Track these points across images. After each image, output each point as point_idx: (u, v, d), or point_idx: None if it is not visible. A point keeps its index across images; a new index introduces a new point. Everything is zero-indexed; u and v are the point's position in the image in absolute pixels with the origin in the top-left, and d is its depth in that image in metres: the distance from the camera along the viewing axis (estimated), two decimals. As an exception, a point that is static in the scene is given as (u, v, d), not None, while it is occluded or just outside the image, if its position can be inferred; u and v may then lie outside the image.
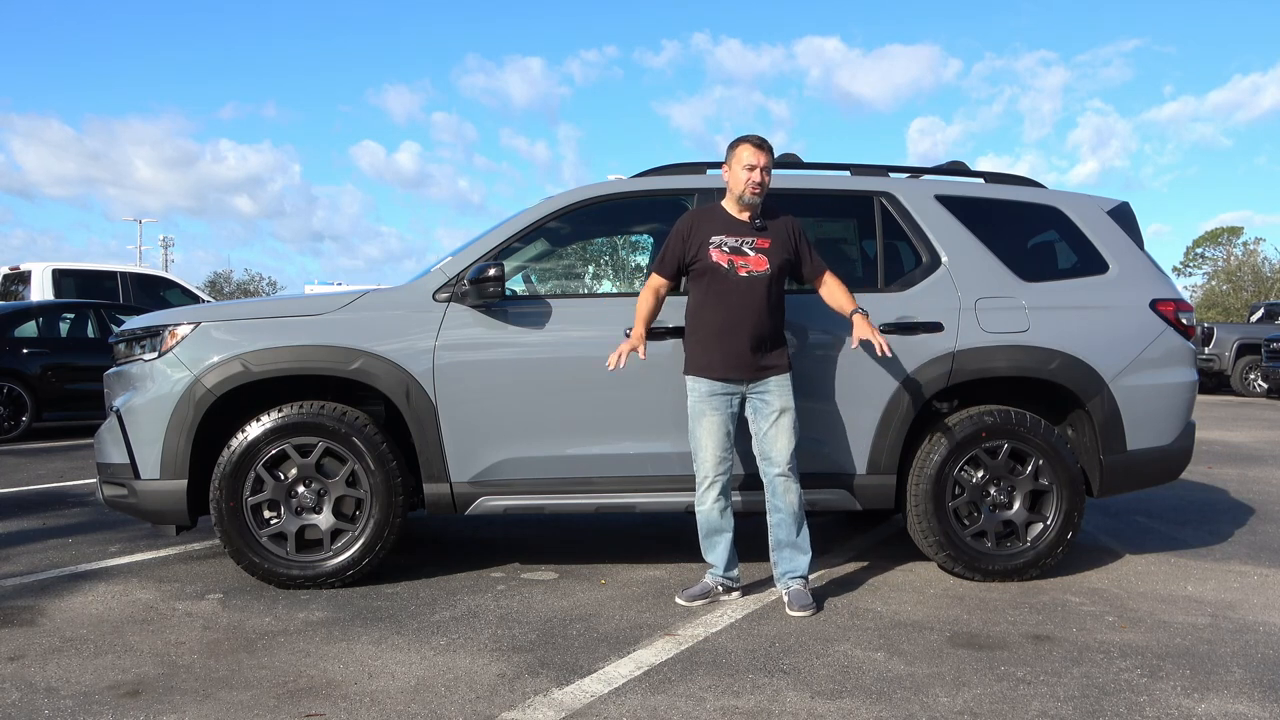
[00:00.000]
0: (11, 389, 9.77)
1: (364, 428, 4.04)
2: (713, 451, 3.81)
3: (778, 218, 3.93)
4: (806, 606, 3.76)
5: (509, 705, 2.86)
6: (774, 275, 3.82)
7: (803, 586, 3.86)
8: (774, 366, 3.83)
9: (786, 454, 3.81)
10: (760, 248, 3.83)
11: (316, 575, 4.04)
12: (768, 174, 3.83)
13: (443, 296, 4.14)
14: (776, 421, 3.80)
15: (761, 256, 3.81)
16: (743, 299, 3.79)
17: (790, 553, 3.88)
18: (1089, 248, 4.50)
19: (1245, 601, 3.99)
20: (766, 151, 3.84)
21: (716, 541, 3.89)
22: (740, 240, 3.83)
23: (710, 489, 3.83)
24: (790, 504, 3.85)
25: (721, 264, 3.79)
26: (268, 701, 2.87)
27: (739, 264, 3.80)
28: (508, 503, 4.12)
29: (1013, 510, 4.22)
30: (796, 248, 3.91)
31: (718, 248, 3.81)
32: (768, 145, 3.86)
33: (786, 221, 3.94)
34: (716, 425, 3.81)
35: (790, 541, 3.88)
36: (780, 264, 3.84)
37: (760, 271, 3.80)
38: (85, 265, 13.92)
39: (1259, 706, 2.89)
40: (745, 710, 2.83)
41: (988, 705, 2.88)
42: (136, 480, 4.05)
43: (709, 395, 3.81)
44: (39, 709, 2.81)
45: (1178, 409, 4.42)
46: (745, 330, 3.78)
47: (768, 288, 3.81)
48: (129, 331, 4.29)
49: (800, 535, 3.88)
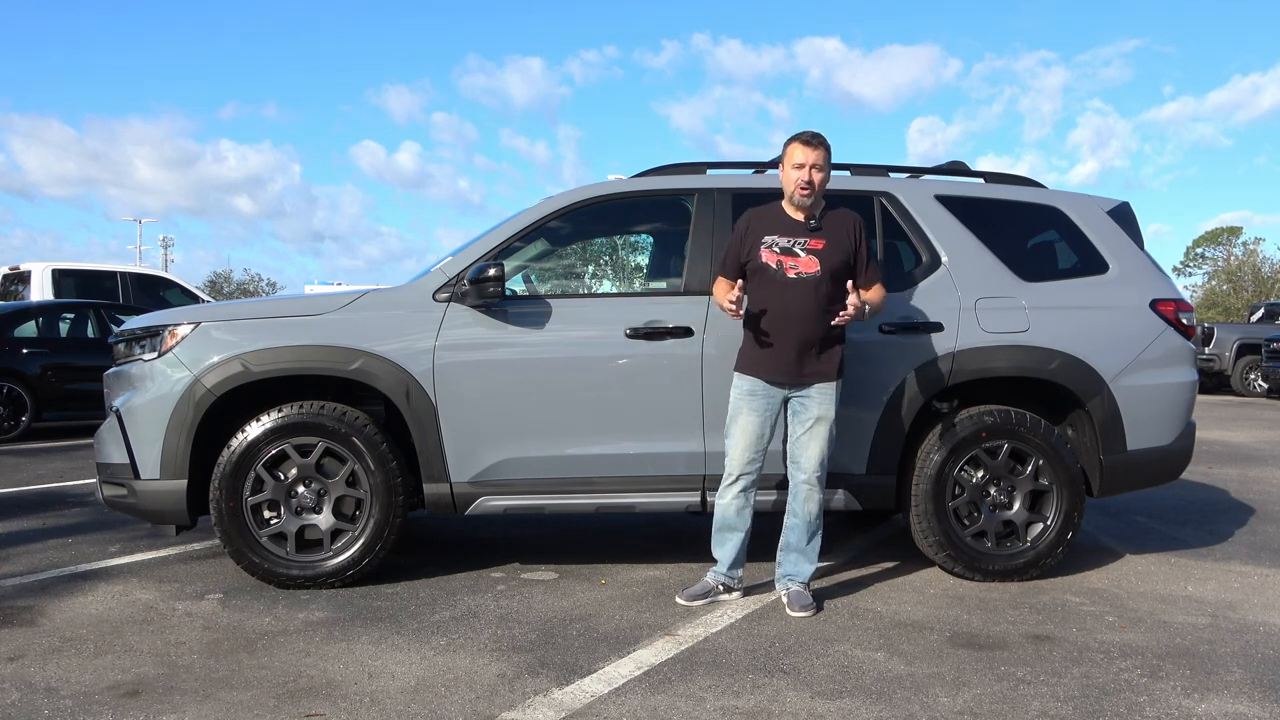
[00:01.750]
0: (11, 389, 9.76)
1: (364, 428, 4.04)
2: (742, 450, 3.79)
3: (841, 217, 3.81)
4: (807, 607, 3.76)
5: (509, 705, 2.86)
6: (824, 277, 3.69)
7: (803, 588, 3.86)
8: (820, 373, 3.74)
9: (815, 462, 3.78)
10: (813, 249, 3.72)
11: (316, 575, 4.04)
12: (820, 171, 3.71)
13: (443, 296, 4.13)
14: (812, 429, 3.76)
15: (813, 258, 3.70)
16: (791, 301, 3.70)
17: (796, 558, 3.88)
18: (1089, 248, 4.50)
19: (1245, 601, 3.99)
20: (817, 147, 3.71)
21: (727, 538, 3.88)
22: (793, 240, 3.74)
23: (733, 485, 3.82)
24: (809, 512, 3.83)
25: (770, 264, 3.73)
26: (268, 701, 2.87)
27: (788, 265, 3.72)
28: (508, 503, 4.12)
29: (1013, 510, 4.22)
30: (856, 249, 3.77)
31: (769, 248, 3.74)
32: (819, 141, 3.73)
33: (847, 222, 3.80)
34: (751, 426, 3.77)
35: (799, 548, 3.87)
36: (834, 266, 3.71)
37: (810, 273, 3.69)
38: (85, 265, 13.91)
39: (1259, 706, 2.89)
40: (745, 710, 2.83)
41: (988, 705, 2.88)
42: (136, 480, 4.05)
43: (749, 394, 3.78)
44: (39, 709, 2.81)
45: (1178, 409, 4.42)
46: (793, 333, 3.70)
47: (816, 289, 3.69)
48: (129, 331, 4.29)
49: (810, 544, 3.87)
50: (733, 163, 4.64)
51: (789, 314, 3.70)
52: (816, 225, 3.76)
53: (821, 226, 3.76)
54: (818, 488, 3.81)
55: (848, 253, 3.75)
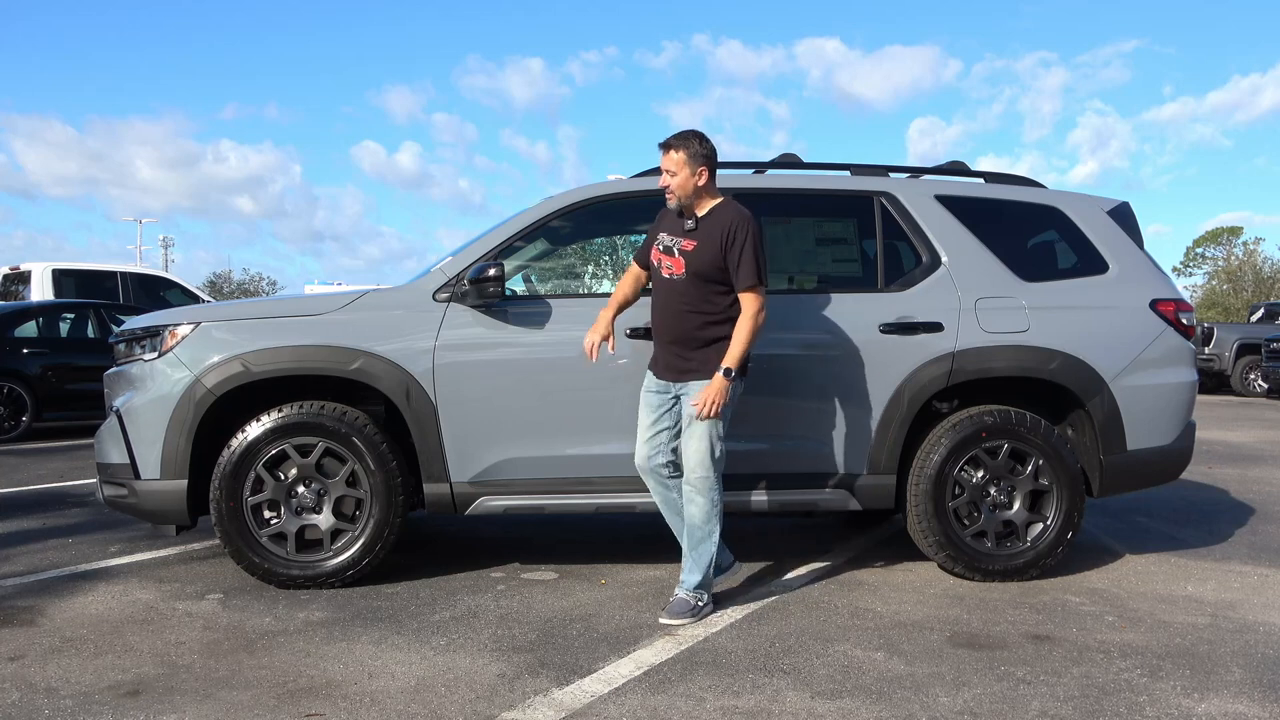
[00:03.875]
0: (11, 389, 9.76)
1: (364, 428, 4.04)
2: (638, 445, 3.82)
3: (719, 219, 3.66)
4: (677, 616, 3.64)
5: (509, 705, 2.86)
6: (687, 278, 3.65)
7: (686, 596, 3.70)
8: (693, 371, 3.67)
9: (694, 462, 3.64)
10: (684, 250, 3.68)
11: (316, 575, 4.04)
12: (673, 175, 3.65)
13: (443, 296, 4.14)
14: (690, 428, 3.68)
15: (681, 259, 3.68)
16: (661, 300, 3.77)
17: (688, 564, 3.75)
18: (1089, 248, 4.50)
19: (1245, 601, 3.99)
20: (667, 151, 3.67)
21: (676, 528, 3.87)
22: (674, 240, 3.73)
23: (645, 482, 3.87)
24: (690, 516, 3.69)
25: (654, 262, 3.79)
26: (268, 701, 2.87)
27: (664, 264, 3.74)
28: (508, 503, 4.12)
29: (1013, 510, 4.22)
30: (724, 253, 3.61)
31: (658, 245, 3.79)
32: (670, 144, 3.67)
33: (723, 224, 3.63)
34: (643, 418, 3.81)
35: (689, 553, 3.75)
36: (698, 268, 3.63)
37: (677, 274, 3.68)
38: (85, 265, 13.92)
39: (1259, 706, 2.89)
40: (745, 710, 2.83)
41: (988, 705, 2.88)
42: (136, 480, 4.05)
43: (645, 389, 3.83)
44: (39, 709, 2.81)
45: (1178, 409, 4.42)
46: (666, 331, 3.75)
47: (679, 290, 3.67)
48: (129, 331, 4.29)
49: (697, 552, 3.69)
50: (733, 163, 4.64)
51: (659, 312, 3.78)
52: (693, 226, 3.70)
53: (698, 228, 3.69)
54: (699, 490, 3.63)
55: (716, 255, 3.61)
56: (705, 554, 3.69)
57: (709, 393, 3.57)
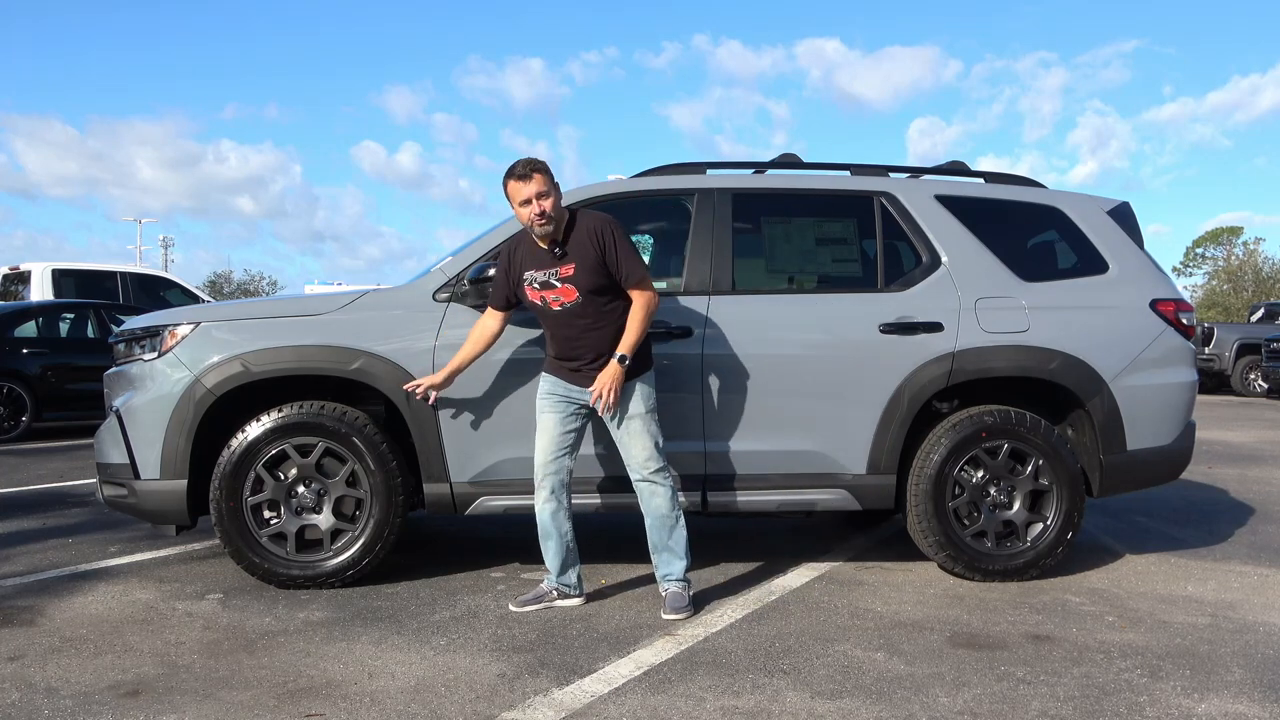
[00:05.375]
0: (11, 389, 9.76)
1: (364, 428, 4.04)
2: (542, 451, 3.78)
3: (582, 232, 3.66)
4: (680, 610, 3.69)
5: (509, 705, 2.86)
6: (583, 300, 3.65)
7: (680, 589, 3.78)
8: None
9: (643, 458, 3.72)
10: (564, 277, 3.65)
11: (316, 575, 4.04)
12: (547, 199, 3.59)
13: (443, 296, 4.14)
14: (626, 428, 3.72)
15: (568, 286, 3.65)
16: (559, 330, 3.74)
17: (667, 556, 3.81)
18: (1089, 248, 4.50)
19: (1245, 601, 3.99)
20: (531, 177, 3.59)
21: (548, 545, 3.82)
22: (547, 273, 3.68)
23: (541, 489, 3.79)
24: (658, 508, 3.76)
25: (537, 302, 3.74)
26: (268, 701, 2.87)
27: (550, 299, 3.70)
28: (508, 503, 4.11)
29: (1013, 510, 4.22)
30: (603, 260, 3.63)
31: (530, 285, 3.73)
32: (531, 168, 3.61)
33: (590, 234, 3.64)
34: (550, 425, 3.77)
35: (664, 545, 3.80)
36: (588, 286, 3.64)
37: (570, 302, 3.66)
38: (85, 265, 13.91)
39: (1259, 706, 2.89)
40: (745, 710, 2.83)
41: (988, 705, 2.88)
42: (136, 480, 4.05)
43: (548, 394, 3.79)
44: (39, 709, 2.81)
45: (1178, 409, 4.42)
46: (579, 353, 3.71)
47: (579, 315, 3.67)
48: (129, 331, 4.29)
49: (674, 538, 3.78)
50: (733, 163, 4.65)
51: (564, 343, 3.74)
52: (562, 252, 3.66)
53: (567, 252, 3.66)
54: (658, 481, 3.73)
55: (597, 266, 3.63)
56: (680, 538, 3.79)
57: (604, 379, 3.63)
